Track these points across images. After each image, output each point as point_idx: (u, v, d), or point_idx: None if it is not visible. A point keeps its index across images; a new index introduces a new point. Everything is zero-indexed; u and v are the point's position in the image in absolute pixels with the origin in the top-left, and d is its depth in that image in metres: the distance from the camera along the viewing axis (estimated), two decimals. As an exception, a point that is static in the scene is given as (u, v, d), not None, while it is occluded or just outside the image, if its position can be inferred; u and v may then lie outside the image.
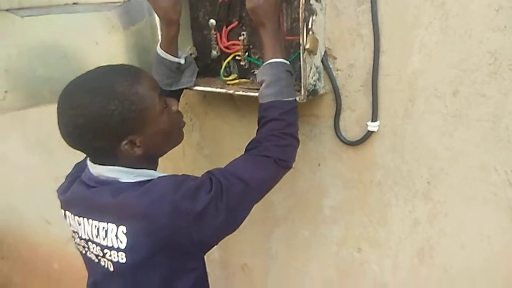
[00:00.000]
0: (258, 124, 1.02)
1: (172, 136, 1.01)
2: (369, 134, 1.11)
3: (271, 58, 0.99)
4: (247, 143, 1.02)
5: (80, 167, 1.05)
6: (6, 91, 1.06)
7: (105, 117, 0.86)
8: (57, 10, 1.09)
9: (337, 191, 1.24)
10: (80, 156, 1.10)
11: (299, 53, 1.05)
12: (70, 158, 1.11)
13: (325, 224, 1.31)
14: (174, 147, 1.03)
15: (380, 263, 1.23)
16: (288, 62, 1.01)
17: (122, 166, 0.92)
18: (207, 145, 1.49)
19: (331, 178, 1.24)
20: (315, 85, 1.09)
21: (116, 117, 0.86)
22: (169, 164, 1.52)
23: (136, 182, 0.91)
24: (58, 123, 0.91)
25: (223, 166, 0.95)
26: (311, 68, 1.05)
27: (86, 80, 0.90)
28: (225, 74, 1.25)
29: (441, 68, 0.99)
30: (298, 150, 1.02)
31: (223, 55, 1.26)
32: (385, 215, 1.17)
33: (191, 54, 1.29)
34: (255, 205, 0.98)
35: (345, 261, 1.30)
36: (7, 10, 1.04)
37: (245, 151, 1.01)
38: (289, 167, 1.00)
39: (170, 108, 0.97)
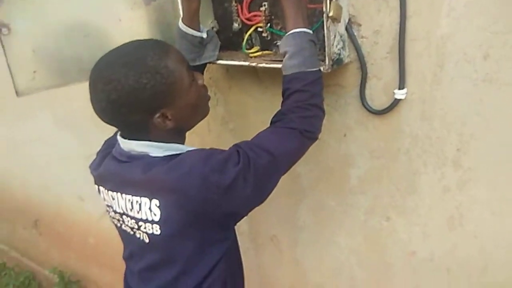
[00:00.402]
0: (283, 96, 1.02)
1: (199, 108, 1.02)
2: (396, 102, 1.09)
3: (294, 28, 0.98)
4: (271, 116, 1.02)
5: (110, 143, 1.08)
6: (35, 71, 1.09)
7: (138, 90, 0.88)
8: (79, -12, 1.10)
9: (364, 161, 1.23)
10: (109, 132, 1.13)
11: (322, 22, 1.03)
12: (100, 135, 1.14)
13: (352, 194, 1.31)
14: (201, 120, 1.04)
15: (408, 232, 1.23)
16: (311, 31, 0.99)
17: (153, 141, 0.94)
18: (232, 119, 1.50)
19: (357, 148, 1.23)
20: (339, 54, 1.07)
21: (148, 91, 0.89)
22: (196, 139, 1.54)
23: (165, 156, 0.93)
24: (91, 99, 0.94)
25: (248, 140, 0.96)
26: (335, 37, 1.03)
27: (118, 55, 0.91)
28: (247, 47, 1.24)
29: (471, 31, 0.95)
30: (323, 121, 1.01)
31: (245, 27, 1.25)
32: (414, 183, 1.16)
33: (212, 28, 1.29)
34: (282, 177, 0.99)
35: (373, 230, 1.30)
36: (30, -10, 1.05)
37: (270, 124, 1.01)
38: (315, 138, 1.00)
39: (197, 82, 0.99)
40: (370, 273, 1.38)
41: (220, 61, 1.23)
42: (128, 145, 0.96)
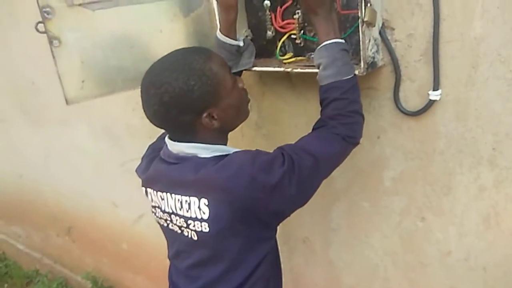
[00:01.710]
0: (321, 105, 1.05)
1: (241, 110, 1.08)
2: (431, 103, 1.11)
3: (325, 40, 1.01)
4: (304, 120, 1.06)
5: (155, 147, 1.14)
6: (83, 81, 1.15)
7: (187, 92, 0.95)
8: (124, 2, 1.16)
9: (398, 162, 1.26)
10: (143, 141, 1.18)
11: (356, 27, 1.07)
12: (132, 144, 1.19)
13: (386, 195, 1.33)
14: (243, 121, 1.10)
15: (444, 231, 1.24)
16: (343, 41, 1.02)
17: (200, 142, 0.99)
18: (265, 125, 1.54)
19: (391, 150, 1.25)
20: (374, 58, 1.10)
21: (196, 92, 0.95)
22: (230, 144, 1.55)
23: (213, 156, 0.98)
24: (143, 104, 1.01)
25: (281, 145, 1.01)
26: (369, 41, 1.07)
27: (166, 61, 0.99)
28: (281, 54, 1.28)
29: (504, 32, 0.97)
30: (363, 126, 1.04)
31: (278, 35, 1.29)
32: (449, 183, 1.18)
33: (246, 37, 1.33)
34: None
35: (408, 231, 1.32)
36: (79, 4, 1.12)
37: (312, 130, 1.05)
38: (357, 143, 1.04)
39: (238, 85, 1.04)
40: (405, 274, 1.39)
41: (255, 68, 1.27)
42: (177, 147, 1.02)
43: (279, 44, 1.27)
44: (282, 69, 1.23)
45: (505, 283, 1.19)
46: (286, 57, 1.27)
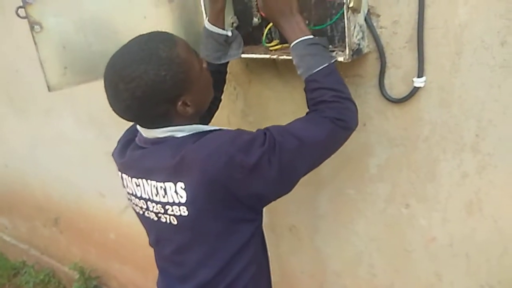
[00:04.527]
0: (307, 103, 1.05)
1: (210, 90, 1.08)
2: (415, 90, 1.12)
3: (292, 42, 1.03)
4: (291, 108, 1.05)
5: (131, 131, 1.12)
6: (65, 67, 1.13)
7: (159, 83, 0.92)
8: (107, -14, 1.14)
9: (383, 150, 1.26)
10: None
11: (342, 13, 1.07)
12: (120, 133, 1.18)
13: (371, 182, 1.34)
14: (209, 102, 1.09)
15: (428, 218, 1.26)
16: (309, 36, 1.02)
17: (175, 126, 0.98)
18: (252, 113, 1.53)
19: (377, 137, 1.26)
20: (359, 44, 1.10)
21: (168, 82, 0.93)
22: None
23: (191, 134, 0.97)
24: (110, 99, 0.97)
25: (279, 125, 0.99)
26: (355, 27, 1.07)
27: (131, 52, 0.95)
28: (267, 41, 1.28)
29: (488, 19, 0.98)
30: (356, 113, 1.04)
31: (264, 22, 1.28)
32: (433, 170, 1.19)
33: (232, 23, 1.32)
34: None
35: (393, 217, 1.33)
36: (62, -12, 1.10)
37: None
38: (348, 128, 1.01)
39: (203, 66, 1.03)
40: (390, 260, 1.41)
41: (241, 55, 1.26)
42: (151, 133, 1.00)
43: (265, 31, 1.26)
44: (268, 56, 1.22)
45: (487, 269, 1.21)
46: (272, 44, 1.26)
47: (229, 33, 1.20)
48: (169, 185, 0.95)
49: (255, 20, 1.29)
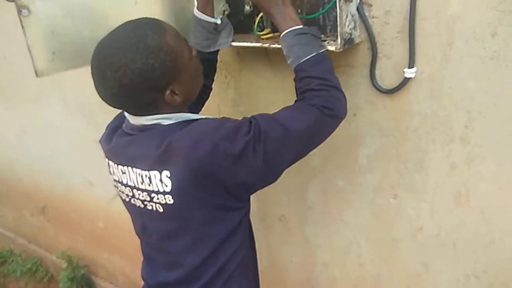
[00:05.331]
0: (296, 92, 1.04)
1: (199, 78, 1.06)
2: (406, 81, 1.12)
3: (282, 32, 1.03)
4: (282, 97, 1.05)
5: (119, 118, 1.11)
6: (54, 52, 1.11)
7: (147, 72, 0.91)
8: (97, -30, 1.12)
9: (373, 140, 1.27)
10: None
11: (334, 3, 1.06)
12: (109, 121, 1.16)
13: (361, 173, 1.34)
14: (198, 90, 1.07)
15: (416, 208, 1.27)
16: (298, 26, 1.02)
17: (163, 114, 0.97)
18: (243, 102, 1.53)
19: (367, 128, 1.26)
20: (351, 34, 1.10)
21: (157, 70, 0.91)
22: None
23: (177, 122, 0.96)
24: (98, 86, 0.95)
25: (266, 113, 0.99)
26: (347, 17, 1.06)
27: (118, 39, 0.93)
28: (259, 29, 1.26)
29: (480, 10, 0.98)
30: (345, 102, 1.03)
31: (256, 10, 1.27)
32: (422, 161, 1.20)
33: (224, 12, 1.31)
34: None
35: (381, 208, 1.34)
36: (49, -28, 1.07)
37: None
38: (336, 116, 1.00)
39: (192, 54, 1.01)
40: (378, 250, 1.42)
41: (232, 43, 1.25)
42: (138, 121, 0.99)
43: (257, 19, 1.25)
44: (259, 44, 1.21)
45: (474, 259, 1.23)
46: (264, 32, 1.25)
47: (218, 21, 1.19)
48: (154, 173, 0.94)
49: (247, 8, 1.28)
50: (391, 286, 1.43)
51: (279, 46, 1.17)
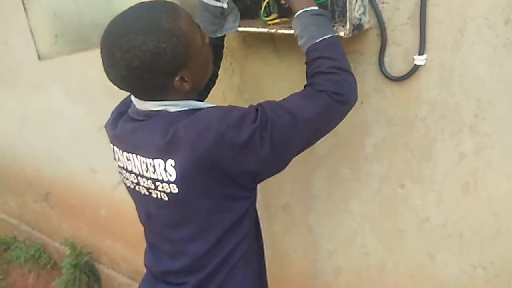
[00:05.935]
0: (306, 75, 1.02)
1: (209, 67, 1.04)
2: (416, 68, 1.10)
3: (297, 11, 1.00)
4: (287, 84, 1.02)
5: (126, 103, 1.09)
6: (56, 36, 1.10)
7: (158, 56, 0.89)
8: (100, -47, 1.09)
9: (380, 129, 1.25)
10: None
11: (344, -13, 1.04)
12: (112, 107, 1.15)
13: (367, 162, 1.32)
14: (208, 78, 1.05)
15: (423, 198, 1.25)
16: (314, 8, 1.00)
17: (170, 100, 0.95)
18: (248, 89, 1.51)
19: (374, 116, 1.24)
20: (360, 19, 1.07)
21: (168, 54, 0.89)
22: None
23: (184, 110, 0.94)
24: (106, 67, 0.93)
25: (273, 100, 0.97)
26: (356, 2, 1.04)
27: (130, 21, 0.90)
28: (265, 15, 1.24)
29: (493, -4, 0.96)
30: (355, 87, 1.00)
31: (262, -5, 1.25)
32: (430, 150, 1.18)
33: (230, -1, 1.28)
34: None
35: (387, 198, 1.32)
36: (52, -46, 1.05)
37: None
38: (346, 102, 0.97)
39: (205, 41, 0.99)
40: (383, 240, 1.41)
41: (238, 29, 1.23)
42: (145, 106, 0.97)
43: (264, 4, 1.23)
44: (266, 30, 1.19)
45: (480, 250, 1.22)
46: (270, 18, 1.23)
47: (225, 5, 1.16)
48: (159, 162, 0.93)
49: (253, -8, 1.25)
50: (396, 276, 1.42)
51: (286, 31, 1.15)
